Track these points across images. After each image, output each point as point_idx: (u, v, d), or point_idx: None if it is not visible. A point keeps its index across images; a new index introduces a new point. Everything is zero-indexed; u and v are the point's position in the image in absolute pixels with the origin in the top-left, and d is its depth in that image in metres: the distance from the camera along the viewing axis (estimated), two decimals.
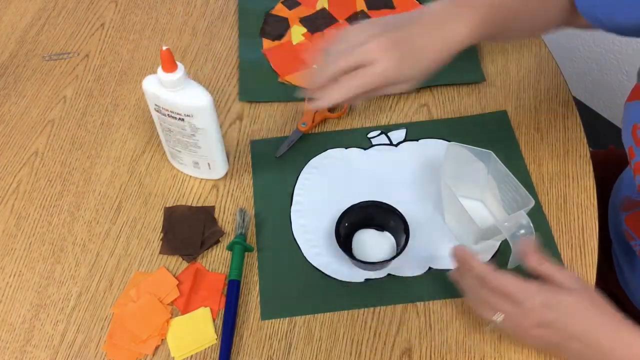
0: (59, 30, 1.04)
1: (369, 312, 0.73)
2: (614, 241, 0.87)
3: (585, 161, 0.84)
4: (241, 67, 0.96)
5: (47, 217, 0.83)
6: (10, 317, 0.75)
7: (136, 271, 0.77)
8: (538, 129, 0.87)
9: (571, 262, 0.75)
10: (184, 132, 0.77)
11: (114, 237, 0.80)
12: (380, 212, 0.76)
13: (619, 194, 0.86)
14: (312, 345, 0.71)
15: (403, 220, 0.74)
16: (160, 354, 0.71)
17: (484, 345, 0.70)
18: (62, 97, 0.95)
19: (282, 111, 0.91)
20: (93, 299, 0.76)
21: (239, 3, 1.05)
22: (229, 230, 0.80)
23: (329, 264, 0.76)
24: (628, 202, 0.81)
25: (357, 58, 0.66)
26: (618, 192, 0.87)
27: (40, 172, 0.87)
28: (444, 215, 0.79)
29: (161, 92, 0.73)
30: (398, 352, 0.70)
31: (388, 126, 0.89)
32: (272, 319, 0.73)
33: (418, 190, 0.82)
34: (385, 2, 1.02)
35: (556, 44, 1.64)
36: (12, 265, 0.79)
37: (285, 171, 0.85)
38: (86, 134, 0.91)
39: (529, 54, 0.96)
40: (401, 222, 0.74)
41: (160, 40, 1.02)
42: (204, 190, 0.84)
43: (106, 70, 0.98)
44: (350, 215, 0.76)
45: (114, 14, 1.06)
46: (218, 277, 0.76)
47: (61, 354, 0.72)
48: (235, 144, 0.88)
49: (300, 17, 1.02)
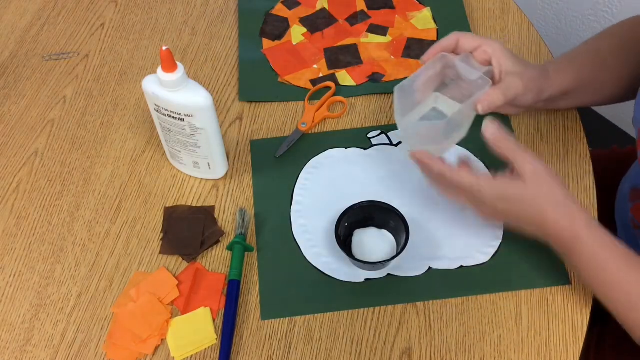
0: (59, 30, 1.04)
1: (369, 312, 0.73)
2: (621, 233, 0.88)
3: (585, 161, 0.84)
4: (241, 67, 0.96)
5: (47, 217, 0.83)
6: (10, 317, 0.75)
7: (136, 271, 0.77)
8: (538, 129, 0.87)
9: None
10: (184, 132, 0.77)
11: (114, 237, 0.80)
12: (379, 212, 0.76)
13: (627, 185, 0.86)
14: (312, 345, 0.71)
15: (403, 220, 0.74)
16: (160, 354, 0.71)
17: (484, 345, 0.70)
18: (62, 97, 0.95)
19: (282, 111, 0.91)
20: (93, 299, 0.76)
21: (239, 3, 1.05)
22: (229, 230, 0.80)
23: (329, 264, 0.76)
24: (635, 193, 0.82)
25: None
26: (626, 183, 0.88)
27: (40, 172, 0.87)
28: (407, 147, 0.78)
29: (161, 92, 0.73)
30: (398, 352, 0.70)
31: (388, 126, 0.89)
32: (272, 319, 0.73)
33: (418, 190, 0.82)
34: (385, 2, 1.02)
35: (556, 44, 1.64)
36: (12, 265, 0.79)
37: (285, 171, 0.85)
38: (86, 134, 0.91)
39: (529, 54, 0.96)
40: (401, 222, 0.74)
41: (160, 40, 1.02)
42: (204, 190, 0.84)
43: (106, 70, 0.98)
44: (350, 215, 0.76)
45: (114, 14, 1.06)
46: (218, 277, 0.76)
47: (61, 354, 0.72)
48: (235, 144, 0.88)
49: (300, 17, 1.02)
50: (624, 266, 0.66)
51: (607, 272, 0.66)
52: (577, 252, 0.67)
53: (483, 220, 0.76)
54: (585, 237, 0.66)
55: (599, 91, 0.83)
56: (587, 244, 0.66)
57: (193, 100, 0.74)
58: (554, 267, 0.75)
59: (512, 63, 0.74)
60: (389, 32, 0.99)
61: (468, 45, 0.75)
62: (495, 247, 0.77)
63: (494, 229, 0.78)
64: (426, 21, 1.00)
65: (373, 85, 0.93)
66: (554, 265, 0.75)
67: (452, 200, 0.74)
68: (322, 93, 0.92)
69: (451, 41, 0.76)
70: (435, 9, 1.01)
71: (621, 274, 0.66)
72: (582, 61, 0.81)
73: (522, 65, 0.75)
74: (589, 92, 0.82)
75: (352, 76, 0.94)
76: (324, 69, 0.95)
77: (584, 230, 0.66)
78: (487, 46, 0.75)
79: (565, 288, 0.73)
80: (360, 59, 0.96)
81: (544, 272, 0.74)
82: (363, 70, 0.95)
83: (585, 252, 0.66)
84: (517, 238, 0.77)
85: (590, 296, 0.73)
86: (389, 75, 0.93)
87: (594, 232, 0.67)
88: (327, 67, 0.95)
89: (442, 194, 0.74)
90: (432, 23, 1.00)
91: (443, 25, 0.99)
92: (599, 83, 0.82)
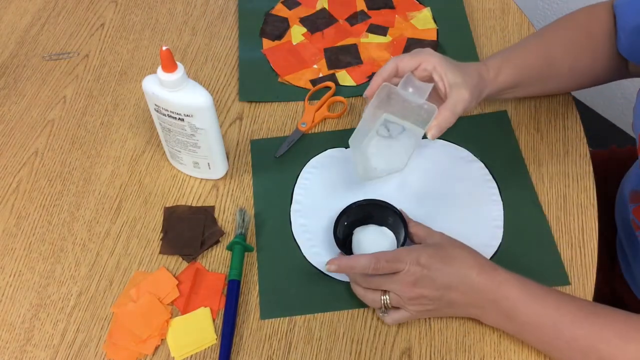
0: (59, 30, 1.04)
1: (369, 312, 0.73)
2: (621, 233, 0.88)
3: (585, 161, 0.84)
4: (241, 67, 0.96)
5: (47, 217, 0.83)
6: (10, 317, 0.75)
7: (136, 271, 0.77)
8: (538, 129, 0.87)
9: (571, 262, 0.75)
10: (184, 132, 0.77)
11: (114, 237, 0.80)
12: (378, 210, 0.76)
13: (627, 187, 0.86)
14: (312, 345, 0.71)
15: (400, 216, 0.74)
16: (160, 354, 0.71)
17: (484, 345, 0.70)
18: (62, 97, 0.95)
19: (282, 111, 0.91)
20: (93, 299, 0.76)
21: (239, 3, 1.05)
22: (229, 230, 0.80)
23: None
24: (635, 195, 0.82)
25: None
26: (626, 185, 0.88)
27: (40, 172, 0.87)
28: (364, 171, 0.80)
29: (161, 92, 0.73)
30: (398, 352, 0.70)
31: None
32: (272, 318, 0.73)
33: (418, 190, 0.82)
34: (385, 2, 1.02)
35: None
36: (12, 265, 0.79)
37: (285, 171, 0.85)
38: (86, 134, 0.91)
39: None
40: (399, 218, 0.74)
41: (160, 40, 1.02)
42: (204, 190, 0.84)
43: (106, 70, 0.98)
44: (349, 214, 0.76)
45: (114, 14, 1.06)
46: (218, 277, 0.76)
47: (61, 353, 0.72)
48: (235, 144, 0.88)
49: (300, 17, 1.02)
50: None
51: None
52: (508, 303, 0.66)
53: (406, 313, 0.70)
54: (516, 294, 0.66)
55: (550, 83, 0.84)
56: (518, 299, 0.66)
57: (193, 100, 0.74)
58: (554, 267, 0.75)
59: (453, 74, 0.74)
60: (389, 32, 0.99)
61: (407, 67, 0.75)
62: (495, 247, 0.77)
63: (494, 229, 0.78)
64: (426, 21, 1.00)
65: None
66: (554, 265, 0.75)
67: (376, 302, 0.70)
68: (322, 93, 0.92)
69: (390, 68, 0.75)
70: (435, 9, 1.01)
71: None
72: (530, 57, 0.81)
73: (462, 73, 0.74)
74: (538, 84, 0.83)
75: (352, 76, 0.94)
76: (324, 69, 0.95)
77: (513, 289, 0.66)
78: (426, 63, 0.74)
79: (565, 288, 0.73)
80: (360, 59, 0.96)
81: (544, 272, 0.74)
82: (363, 70, 0.95)
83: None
84: (517, 238, 0.77)
85: (590, 296, 0.73)
86: None
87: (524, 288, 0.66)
88: (327, 67, 0.95)
89: (367, 300, 0.71)
90: (432, 23, 0.99)
91: (443, 25, 0.99)
92: (548, 77, 0.83)
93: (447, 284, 0.66)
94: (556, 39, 0.82)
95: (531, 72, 0.81)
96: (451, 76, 0.73)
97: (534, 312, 0.65)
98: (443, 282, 0.66)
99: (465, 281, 0.66)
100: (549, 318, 0.64)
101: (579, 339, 0.63)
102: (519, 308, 0.65)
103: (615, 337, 0.62)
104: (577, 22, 0.83)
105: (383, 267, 0.67)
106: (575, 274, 0.74)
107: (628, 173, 0.90)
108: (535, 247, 0.76)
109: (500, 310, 0.66)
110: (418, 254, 0.67)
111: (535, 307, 0.65)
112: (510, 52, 0.81)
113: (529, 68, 0.80)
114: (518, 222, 0.78)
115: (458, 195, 0.81)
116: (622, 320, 0.64)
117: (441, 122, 0.73)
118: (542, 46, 0.82)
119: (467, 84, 0.73)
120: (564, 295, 0.67)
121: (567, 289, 0.73)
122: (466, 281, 0.66)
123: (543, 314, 0.64)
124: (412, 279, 0.66)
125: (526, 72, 0.80)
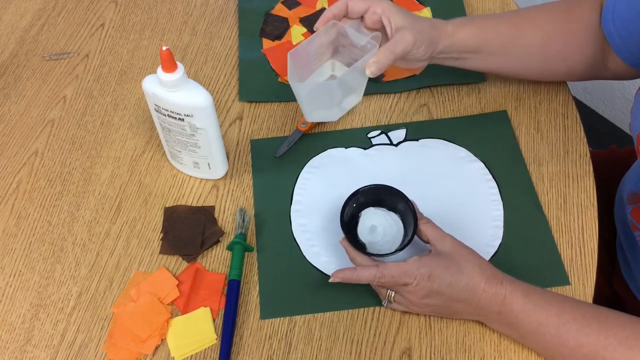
0: (59, 30, 1.04)
1: (369, 312, 0.73)
2: (621, 234, 0.87)
3: (585, 161, 0.84)
4: (241, 67, 0.96)
5: (47, 217, 0.83)
6: (10, 317, 0.75)
7: (136, 271, 0.77)
8: (538, 129, 0.87)
9: (571, 262, 0.75)
10: (184, 132, 0.77)
11: (114, 237, 0.80)
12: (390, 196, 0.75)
13: (626, 188, 0.86)
14: (312, 345, 0.71)
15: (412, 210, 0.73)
16: (160, 354, 0.71)
17: (484, 345, 0.70)
18: (62, 97, 0.95)
19: (282, 111, 0.91)
20: (93, 299, 0.76)
21: (239, 3, 1.05)
22: (229, 230, 0.80)
23: (329, 264, 0.76)
24: (633, 197, 0.82)
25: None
26: (625, 186, 0.88)
27: (40, 172, 0.87)
28: (307, 113, 0.80)
29: (161, 92, 0.73)
30: (398, 352, 0.70)
31: (388, 126, 0.89)
32: (272, 318, 0.73)
33: (418, 189, 0.82)
34: None
35: None
36: (12, 265, 0.79)
37: (285, 171, 0.85)
38: (86, 134, 0.91)
39: None
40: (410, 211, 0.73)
41: (160, 40, 1.02)
42: (204, 190, 0.84)
43: (106, 70, 0.98)
44: (360, 195, 0.75)
45: (114, 14, 1.06)
46: (218, 277, 0.76)
47: (61, 353, 0.72)
48: (235, 144, 0.88)
49: (300, 17, 1.02)
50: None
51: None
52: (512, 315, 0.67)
53: (411, 311, 0.72)
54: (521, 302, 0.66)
55: (517, 59, 0.82)
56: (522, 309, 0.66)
57: (193, 100, 0.74)
58: (554, 267, 0.75)
59: (402, 18, 0.74)
60: None
61: (357, 7, 0.76)
62: (495, 247, 0.77)
63: (494, 229, 0.78)
64: None
65: (373, 85, 0.92)
66: (554, 265, 0.75)
67: (381, 295, 0.72)
68: None
69: (341, 6, 0.76)
70: (435, 9, 1.01)
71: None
72: (498, 24, 0.80)
73: (412, 18, 0.75)
74: (502, 56, 0.81)
75: None
76: None
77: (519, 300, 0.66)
78: (376, 6, 0.75)
79: (565, 288, 0.73)
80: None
81: (544, 272, 0.74)
82: None
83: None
84: (517, 238, 0.77)
85: (590, 297, 0.73)
86: (389, 76, 0.93)
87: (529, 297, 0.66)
88: None
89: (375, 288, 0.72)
90: None
91: None
92: (514, 50, 0.81)
93: (455, 298, 0.67)
94: (531, 13, 0.81)
95: (495, 39, 0.80)
96: (398, 20, 0.74)
97: (536, 321, 0.65)
98: (452, 296, 0.67)
99: (472, 297, 0.67)
100: (552, 327, 0.64)
101: (583, 347, 0.63)
102: (521, 318, 0.65)
103: (619, 344, 0.62)
104: (559, 7, 0.82)
105: (388, 282, 0.68)
106: (575, 274, 0.74)
107: (626, 174, 0.90)
108: (535, 247, 0.76)
109: (503, 321, 0.67)
110: (429, 270, 0.67)
111: (537, 317, 0.65)
112: (480, 17, 0.81)
113: (494, 34, 0.79)
114: (518, 222, 0.79)
115: (458, 195, 0.82)
116: (626, 326, 0.63)
117: (381, 59, 0.73)
118: (514, 17, 0.81)
119: (413, 28, 0.74)
120: (567, 301, 0.67)
121: (567, 289, 0.73)
122: (473, 297, 0.67)
123: (546, 323, 0.64)
124: (422, 293, 0.67)
125: (490, 37, 0.79)
